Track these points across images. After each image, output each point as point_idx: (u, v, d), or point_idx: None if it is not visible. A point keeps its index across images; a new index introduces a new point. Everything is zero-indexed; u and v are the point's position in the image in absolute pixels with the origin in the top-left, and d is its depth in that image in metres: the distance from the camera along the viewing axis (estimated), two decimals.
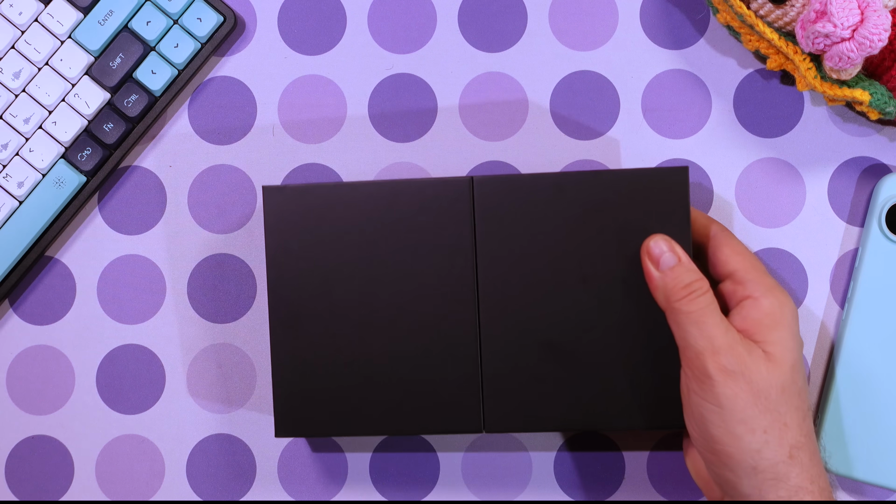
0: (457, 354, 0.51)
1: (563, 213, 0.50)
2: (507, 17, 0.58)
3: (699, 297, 0.47)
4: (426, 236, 0.51)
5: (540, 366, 0.51)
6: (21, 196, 0.56)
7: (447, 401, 0.51)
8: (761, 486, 0.47)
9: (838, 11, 0.48)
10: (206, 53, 0.57)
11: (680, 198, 0.50)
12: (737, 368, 0.46)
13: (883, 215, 0.54)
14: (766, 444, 0.46)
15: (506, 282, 0.51)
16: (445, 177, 0.52)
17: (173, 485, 0.57)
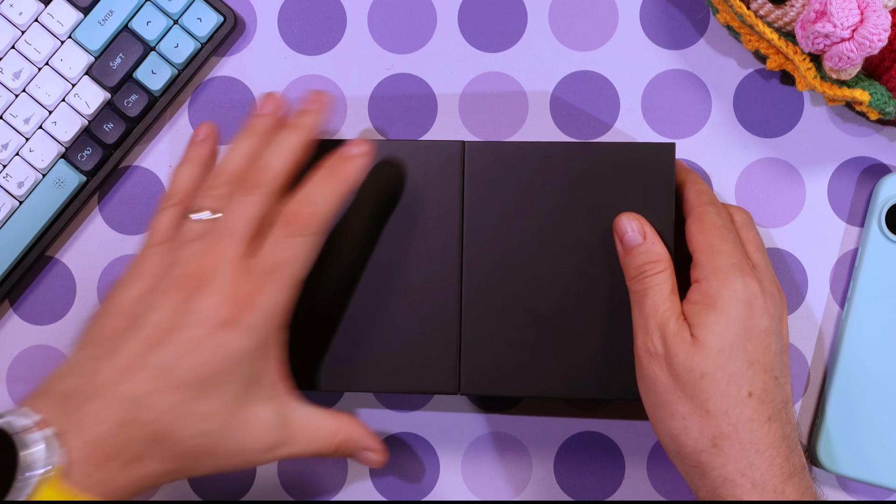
0: (438, 316, 0.51)
1: (552, 182, 0.51)
2: (507, 17, 0.58)
3: (647, 277, 0.48)
4: (415, 197, 0.52)
5: (519, 332, 0.51)
6: (21, 196, 0.56)
7: (425, 362, 0.51)
8: (687, 472, 0.47)
9: (838, 12, 0.48)
10: (206, 53, 0.57)
11: (665, 173, 0.50)
12: (658, 350, 0.46)
13: (883, 215, 0.54)
14: (685, 431, 0.46)
15: (490, 247, 0.51)
16: (438, 140, 0.52)
17: (174, 484, 0.57)
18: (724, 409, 0.45)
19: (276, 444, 0.47)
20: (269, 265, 0.45)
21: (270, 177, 0.47)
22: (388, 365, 0.51)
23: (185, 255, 0.46)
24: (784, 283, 0.56)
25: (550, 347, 0.51)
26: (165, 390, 0.43)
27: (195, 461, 0.45)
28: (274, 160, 0.48)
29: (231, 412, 0.45)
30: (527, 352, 0.51)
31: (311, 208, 0.46)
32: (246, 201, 0.46)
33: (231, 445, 0.45)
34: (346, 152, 0.48)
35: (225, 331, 0.44)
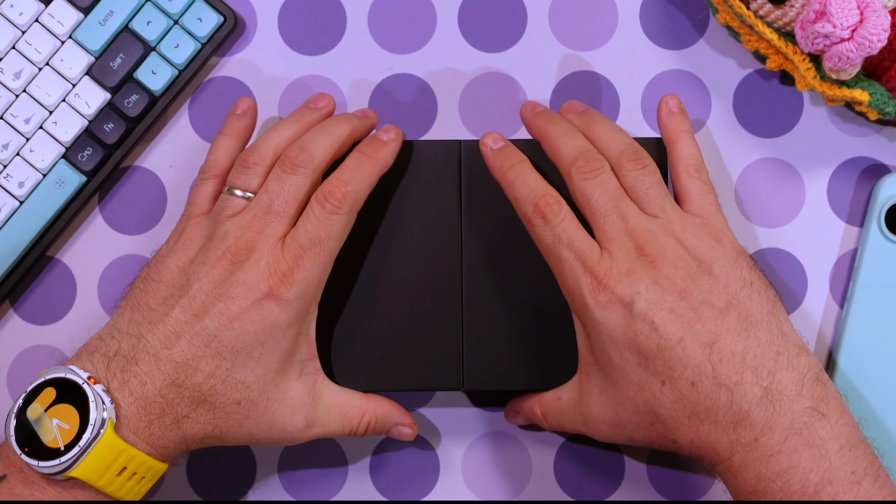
0: (439, 313, 0.52)
1: (548, 177, 0.51)
2: (507, 17, 0.58)
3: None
4: (414, 196, 0.52)
5: (521, 327, 0.51)
6: (22, 196, 0.56)
7: (429, 359, 0.52)
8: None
9: (837, 12, 0.48)
10: (207, 53, 0.57)
11: (660, 167, 0.50)
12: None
13: (882, 215, 0.54)
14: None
15: (490, 243, 0.52)
16: (435, 139, 0.53)
17: (174, 484, 0.57)
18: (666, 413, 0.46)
19: (310, 423, 0.49)
20: (305, 241, 0.47)
21: (313, 157, 0.49)
22: (390, 363, 0.52)
23: (227, 229, 0.48)
24: (784, 284, 0.56)
25: (551, 341, 0.51)
26: (208, 357, 0.46)
27: (233, 428, 0.47)
28: (319, 143, 0.49)
29: (267, 384, 0.47)
30: (528, 346, 0.51)
31: (346, 188, 0.48)
32: (289, 180, 0.48)
33: (267, 418, 0.48)
34: (379, 137, 0.50)
35: (266, 303, 0.46)
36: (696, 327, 0.45)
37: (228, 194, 0.49)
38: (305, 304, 0.48)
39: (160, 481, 0.57)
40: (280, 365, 0.48)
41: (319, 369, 0.50)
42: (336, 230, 0.48)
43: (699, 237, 0.48)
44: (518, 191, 0.49)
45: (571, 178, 0.48)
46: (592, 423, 0.48)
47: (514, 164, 0.50)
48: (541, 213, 0.47)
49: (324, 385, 0.50)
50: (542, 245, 0.48)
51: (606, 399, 0.47)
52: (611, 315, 0.45)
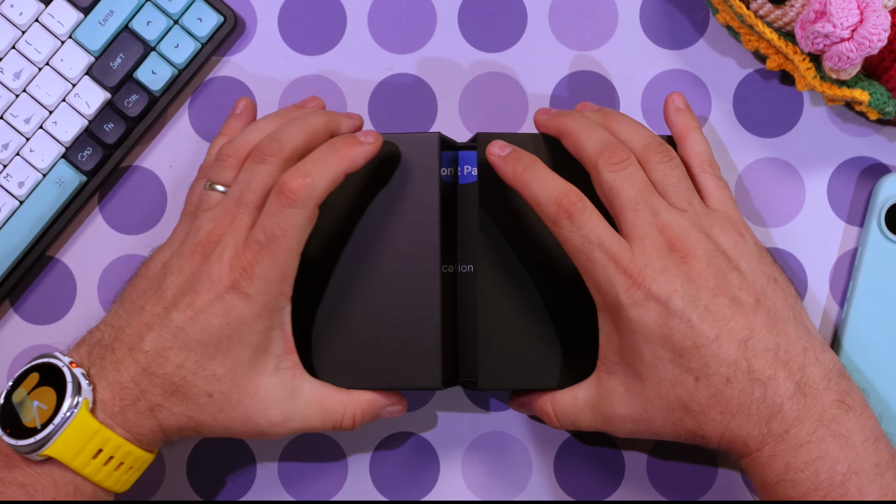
0: (418, 311, 0.51)
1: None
2: (507, 17, 0.58)
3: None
4: (393, 191, 0.51)
5: (533, 325, 0.51)
6: (22, 196, 0.56)
7: (406, 358, 0.51)
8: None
9: (837, 12, 0.48)
10: (207, 53, 0.57)
11: None
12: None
13: (882, 215, 0.54)
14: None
15: (504, 242, 0.51)
16: (414, 132, 0.53)
17: (174, 484, 0.57)
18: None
19: (287, 417, 0.49)
20: (261, 237, 0.46)
21: (283, 147, 0.48)
22: (369, 361, 0.51)
23: (201, 223, 0.49)
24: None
25: (564, 340, 0.51)
26: (176, 348, 0.47)
27: (208, 420, 0.48)
28: (291, 133, 0.49)
29: (239, 377, 0.47)
30: (542, 345, 0.51)
31: (303, 180, 0.46)
32: (257, 170, 0.48)
33: (240, 411, 0.48)
34: (355, 136, 0.49)
35: (229, 296, 0.46)
36: (731, 324, 0.45)
37: (207, 189, 0.50)
38: (270, 299, 0.47)
39: (160, 481, 0.57)
40: (252, 359, 0.47)
41: (298, 364, 0.49)
42: (292, 225, 0.46)
43: (724, 232, 0.48)
44: (537, 193, 0.47)
45: (598, 170, 0.47)
46: (615, 420, 0.48)
47: (527, 166, 0.48)
48: (566, 212, 0.46)
49: (303, 380, 0.49)
50: (570, 246, 0.47)
51: (633, 396, 0.47)
52: (646, 313, 0.45)
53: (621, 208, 0.47)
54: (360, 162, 0.49)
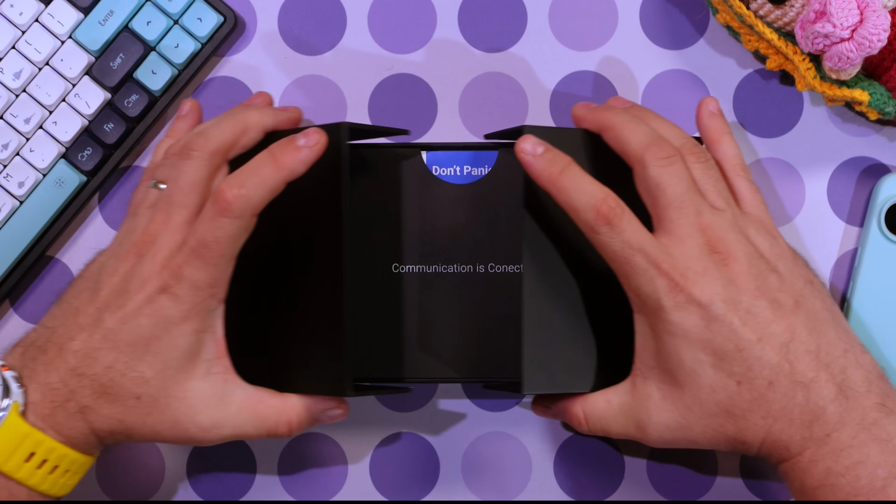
0: (326, 315, 0.49)
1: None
2: (507, 17, 0.58)
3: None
4: (307, 186, 0.48)
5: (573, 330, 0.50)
6: (22, 196, 0.56)
7: (315, 363, 0.49)
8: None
9: (837, 12, 0.48)
10: (207, 53, 0.57)
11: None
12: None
13: (882, 215, 0.54)
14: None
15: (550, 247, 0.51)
16: (326, 123, 0.50)
17: (173, 485, 0.57)
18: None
19: (217, 423, 0.48)
20: (193, 242, 0.46)
21: (208, 141, 0.48)
22: (291, 366, 0.50)
23: (137, 222, 0.49)
24: None
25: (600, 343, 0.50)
26: (106, 349, 0.46)
27: (137, 423, 0.47)
28: (218, 127, 0.48)
29: (167, 380, 0.47)
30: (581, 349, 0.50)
31: (239, 191, 0.45)
32: (183, 166, 0.47)
33: (168, 415, 0.47)
34: (294, 141, 0.47)
35: (159, 297, 0.46)
36: (772, 327, 0.45)
37: (152, 187, 0.49)
38: (200, 302, 0.46)
39: (160, 481, 0.57)
40: (181, 362, 0.47)
41: (230, 369, 0.48)
42: (226, 234, 0.45)
43: (760, 234, 0.48)
44: (575, 199, 0.46)
45: (645, 165, 0.46)
46: (650, 427, 0.47)
47: (563, 168, 0.46)
48: (605, 219, 0.45)
49: (235, 385, 0.48)
50: (609, 252, 0.46)
51: (670, 403, 0.46)
52: (688, 316, 0.44)
53: (665, 206, 0.46)
54: (301, 169, 0.47)
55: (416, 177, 0.52)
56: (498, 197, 0.52)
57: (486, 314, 0.52)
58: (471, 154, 0.52)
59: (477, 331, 0.52)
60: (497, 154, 0.52)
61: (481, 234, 0.52)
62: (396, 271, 0.52)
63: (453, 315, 0.52)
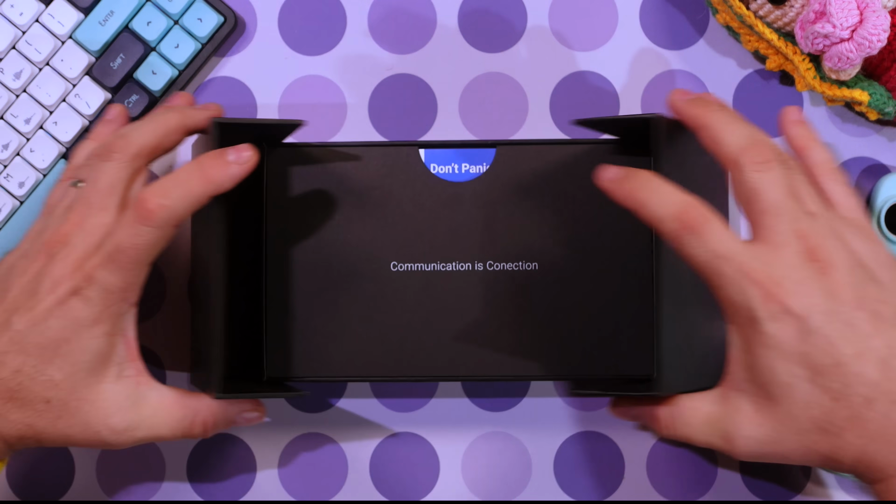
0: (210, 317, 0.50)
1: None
2: (507, 17, 0.58)
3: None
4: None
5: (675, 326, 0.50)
6: (22, 196, 0.56)
7: (205, 364, 0.50)
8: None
9: (837, 12, 0.48)
10: (207, 54, 0.57)
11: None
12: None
13: (882, 215, 0.54)
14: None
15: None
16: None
17: (173, 485, 0.57)
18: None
19: (131, 426, 0.47)
20: (110, 246, 0.45)
21: (129, 143, 0.47)
22: (198, 367, 0.52)
23: (50, 222, 0.48)
24: None
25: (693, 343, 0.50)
26: (13, 352, 0.45)
27: (47, 428, 0.46)
28: (139, 130, 0.48)
29: (78, 383, 0.46)
30: (687, 348, 0.50)
31: (160, 201, 0.45)
32: (103, 167, 0.47)
33: (79, 419, 0.46)
34: (224, 155, 0.47)
35: (70, 299, 0.45)
36: (873, 341, 0.42)
37: (70, 185, 0.48)
38: (111, 306, 0.45)
39: (160, 481, 0.57)
40: (91, 365, 0.46)
41: (143, 371, 0.48)
42: (144, 241, 0.45)
43: (860, 240, 0.45)
44: (655, 209, 0.44)
45: (741, 168, 0.44)
46: (739, 440, 0.45)
47: (642, 183, 0.45)
48: (689, 227, 0.43)
49: (149, 388, 0.48)
50: (696, 262, 0.44)
51: (763, 417, 0.44)
52: (783, 328, 0.42)
53: (761, 212, 0.44)
54: (228, 185, 0.46)
55: (414, 175, 0.52)
56: (496, 194, 0.52)
57: (485, 312, 0.52)
58: (469, 151, 0.52)
59: (476, 329, 0.52)
60: (495, 151, 0.52)
61: (480, 232, 0.52)
62: (395, 270, 0.52)
63: (452, 313, 0.52)
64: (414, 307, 0.52)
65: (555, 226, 0.52)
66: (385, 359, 0.52)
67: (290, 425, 0.57)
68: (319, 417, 0.57)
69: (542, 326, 0.51)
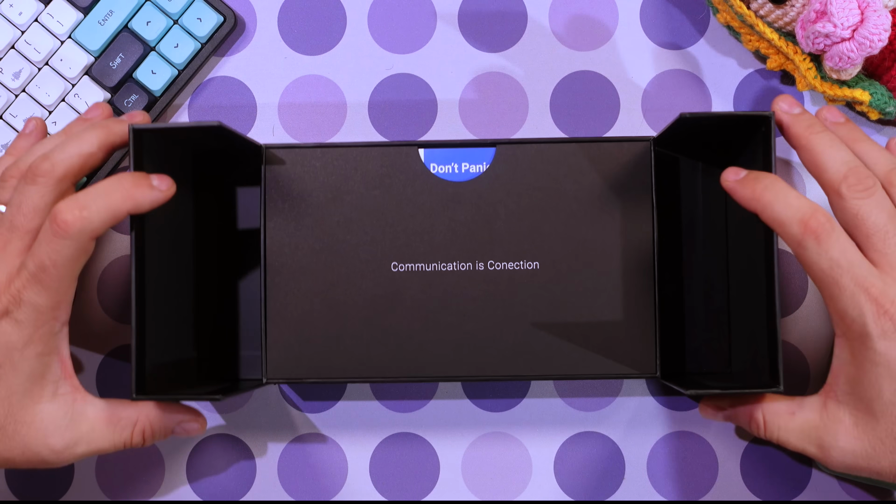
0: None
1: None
2: (507, 17, 0.58)
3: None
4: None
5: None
6: None
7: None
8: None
9: (838, 11, 0.48)
10: (206, 53, 0.57)
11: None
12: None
13: None
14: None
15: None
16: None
17: (173, 485, 0.57)
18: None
19: (71, 443, 0.47)
20: (31, 265, 0.45)
21: (55, 166, 0.47)
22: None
23: None
24: (785, 284, 0.56)
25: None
26: None
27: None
28: (64, 150, 0.48)
29: (12, 406, 0.46)
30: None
31: (78, 213, 0.45)
32: (28, 191, 0.47)
33: (17, 442, 0.46)
34: (148, 179, 0.47)
35: (0, 322, 0.45)
36: None
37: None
38: (42, 325, 0.45)
39: (160, 481, 0.57)
40: (26, 386, 0.46)
41: (78, 387, 0.48)
42: (63, 256, 0.45)
43: None
44: (780, 212, 0.44)
45: (841, 196, 0.45)
46: (834, 451, 0.45)
47: (767, 185, 0.45)
48: (813, 233, 0.43)
49: (85, 403, 0.48)
50: (815, 269, 0.44)
51: (861, 432, 0.45)
52: (894, 346, 0.43)
53: (868, 235, 0.44)
54: (146, 207, 0.47)
55: (414, 175, 0.52)
56: (497, 194, 0.52)
57: (485, 312, 0.52)
58: (468, 151, 0.52)
59: (476, 329, 0.52)
60: (495, 150, 0.52)
61: (480, 232, 0.52)
62: (395, 270, 0.52)
63: (453, 313, 0.52)
64: (414, 307, 0.52)
65: (555, 225, 0.52)
66: (385, 359, 0.52)
67: (290, 425, 0.57)
68: (320, 418, 0.57)
69: (543, 326, 0.51)
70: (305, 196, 0.52)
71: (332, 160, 0.52)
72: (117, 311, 0.58)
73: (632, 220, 0.51)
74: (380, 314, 0.52)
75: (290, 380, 0.52)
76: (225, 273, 0.54)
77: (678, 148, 0.53)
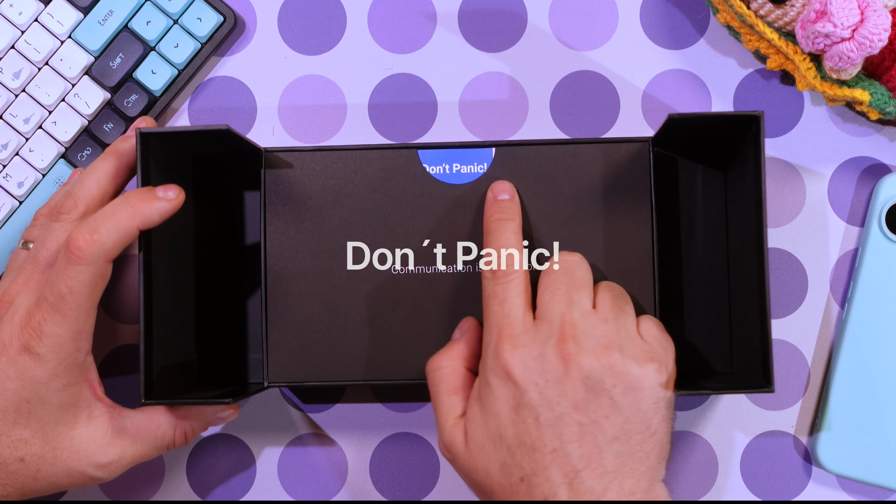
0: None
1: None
2: (507, 17, 0.58)
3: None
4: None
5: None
6: (21, 196, 0.56)
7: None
8: None
9: (838, 11, 0.48)
10: (206, 53, 0.57)
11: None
12: (448, 455, 0.49)
13: (883, 215, 0.54)
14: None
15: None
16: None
17: (173, 485, 0.57)
18: (504, 498, 0.45)
19: (116, 458, 0.48)
20: (50, 296, 0.45)
21: (77, 203, 0.48)
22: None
23: (2, 285, 0.49)
24: (784, 284, 0.56)
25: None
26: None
27: (27, 483, 0.47)
28: (84, 187, 0.49)
29: (48, 435, 0.47)
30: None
31: (91, 237, 0.45)
32: (52, 228, 0.48)
33: (60, 468, 0.47)
34: (152, 191, 0.47)
35: (21, 358, 0.46)
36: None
37: (20, 247, 0.50)
38: (64, 357, 0.46)
39: (160, 481, 0.57)
40: (57, 417, 0.47)
41: (112, 405, 0.49)
42: (80, 283, 0.45)
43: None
44: (492, 243, 0.49)
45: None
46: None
47: (501, 219, 0.49)
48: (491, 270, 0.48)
49: (122, 418, 0.49)
50: (483, 296, 0.48)
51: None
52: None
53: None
54: (156, 219, 0.47)
55: (413, 177, 0.52)
56: None
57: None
58: (467, 152, 0.52)
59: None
60: (493, 152, 0.52)
61: (480, 234, 0.52)
62: (395, 273, 0.52)
63: (453, 315, 0.52)
64: (414, 309, 0.52)
65: (554, 226, 0.51)
66: (385, 361, 0.52)
67: (291, 426, 0.57)
68: (319, 418, 0.57)
69: None
70: (305, 199, 0.52)
71: (331, 163, 0.52)
72: (117, 311, 0.58)
73: (631, 220, 0.51)
74: (380, 316, 0.52)
75: (292, 383, 0.52)
76: (226, 277, 0.54)
77: (677, 148, 0.53)
